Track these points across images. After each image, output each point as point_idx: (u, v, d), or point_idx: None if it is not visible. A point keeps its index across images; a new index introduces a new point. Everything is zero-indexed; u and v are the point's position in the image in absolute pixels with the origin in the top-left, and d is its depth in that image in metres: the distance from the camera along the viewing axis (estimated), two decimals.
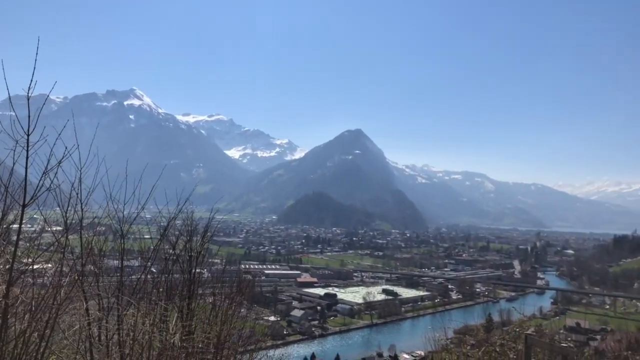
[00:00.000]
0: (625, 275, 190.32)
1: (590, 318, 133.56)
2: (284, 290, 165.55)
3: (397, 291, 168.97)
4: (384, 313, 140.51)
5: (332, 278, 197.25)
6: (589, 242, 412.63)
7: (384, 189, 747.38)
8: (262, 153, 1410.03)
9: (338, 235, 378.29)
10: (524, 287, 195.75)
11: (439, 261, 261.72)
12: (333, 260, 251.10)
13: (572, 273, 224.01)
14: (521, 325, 11.18)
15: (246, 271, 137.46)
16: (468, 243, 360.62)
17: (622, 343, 54.81)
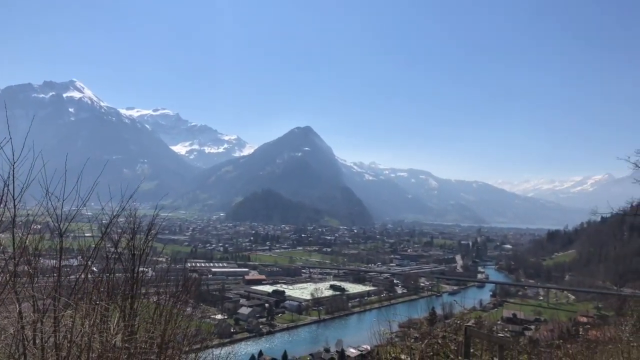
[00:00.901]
0: (557, 268, 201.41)
1: (526, 309, 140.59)
2: (232, 288, 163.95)
3: (345, 287, 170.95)
4: (331, 309, 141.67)
5: (281, 275, 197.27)
6: (525, 237, 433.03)
7: (332, 186, 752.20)
8: (209, 149, 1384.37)
9: (287, 232, 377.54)
10: (466, 281, 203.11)
11: (385, 256, 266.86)
12: (282, 257, 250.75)
13: (510, 267, 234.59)
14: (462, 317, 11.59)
15: (192, 269, 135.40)
16: (413, 239, 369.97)
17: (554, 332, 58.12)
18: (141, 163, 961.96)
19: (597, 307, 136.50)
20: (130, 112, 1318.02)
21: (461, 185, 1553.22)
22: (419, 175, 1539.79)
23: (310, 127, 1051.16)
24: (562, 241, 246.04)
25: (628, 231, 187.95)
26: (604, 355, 14.53)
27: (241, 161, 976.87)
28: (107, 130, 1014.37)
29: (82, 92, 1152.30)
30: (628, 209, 23.83)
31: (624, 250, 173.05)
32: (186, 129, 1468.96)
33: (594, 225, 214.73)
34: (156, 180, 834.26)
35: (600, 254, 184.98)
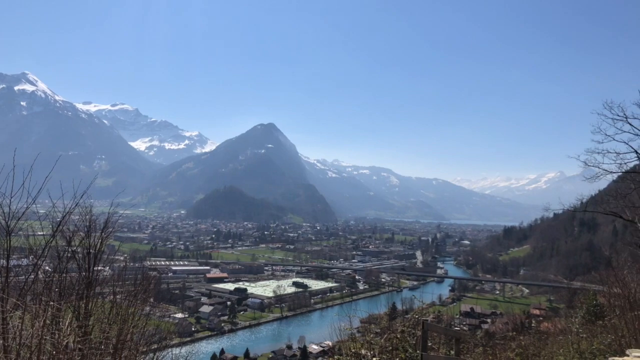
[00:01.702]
0: (512, 263, 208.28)
1: (483, 303, 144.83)
2: (193, 287, 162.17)
3: (307, 283, 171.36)
4: (294, 305, 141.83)
5: (243, 273, 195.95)
6: (482, 233, 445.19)
7: (296, 183, 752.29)
8: (170, 145, 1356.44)
9: (249, 230, 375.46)
10: (425, 276, 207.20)
11: (348, 253, 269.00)
12: (244, 254, 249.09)
13: (468, 262, 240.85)
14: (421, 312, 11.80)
15: (152, 268, 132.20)
16: (374, 235, 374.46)
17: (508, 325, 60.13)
18: (99, 159, 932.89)
19: (549, 299, 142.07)
20: (87, 107, 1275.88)
21: (421, 183, 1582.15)
22: (380, 173, 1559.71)
23: (273, 123, 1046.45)
24: (517, 237, 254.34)
25: (578, 227, 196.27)
26: (555, 346, 15.13)
27: (203, 158, 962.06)
28: (62, 126, 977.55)
29: (35, 85, 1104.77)
30: (578, 205, 24.88)
31: (574, 245, 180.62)
32: (146, 125, 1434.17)
33: (546, 221, 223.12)
34: (114, 176, 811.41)
35: (552, 248, 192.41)
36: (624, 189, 17.13)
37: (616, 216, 18.38)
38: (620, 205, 17.00)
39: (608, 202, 19.66)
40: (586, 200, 23.29)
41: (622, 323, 9.45)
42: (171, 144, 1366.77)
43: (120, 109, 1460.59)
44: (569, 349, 13.02)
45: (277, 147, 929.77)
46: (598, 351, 11.07)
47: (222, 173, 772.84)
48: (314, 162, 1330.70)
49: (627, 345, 7.67)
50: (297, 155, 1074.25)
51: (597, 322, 14.29)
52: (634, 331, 8.78)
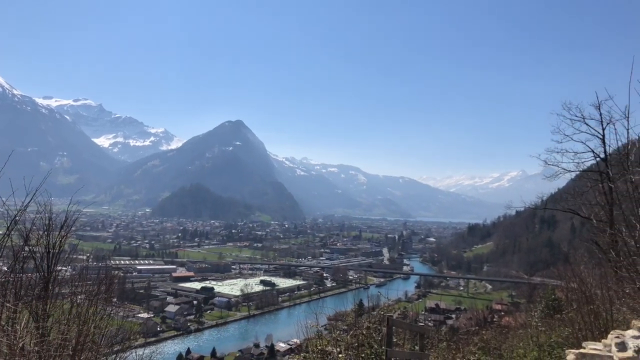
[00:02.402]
0: (476, 259, 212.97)
1: (447, 299, 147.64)
2: (159, 286, 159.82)
3: (275, 281, 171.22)
4: (261, 304, 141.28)
5: (210, 271, 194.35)
6: (448, 230, 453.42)
7: (264, 181, 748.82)
8: (135, 142, 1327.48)
9: (217, 228, 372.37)
10: (392, 273, 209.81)
11: (316, 250, 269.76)
12: (211, 253, 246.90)
13: (434, 259, 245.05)
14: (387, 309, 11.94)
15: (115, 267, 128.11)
16: (342, 233, 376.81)
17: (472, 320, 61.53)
18: (60, 156, 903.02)
19: (511, 295, 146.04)
20: (47, 102, 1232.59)
21: (388, 181, 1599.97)
22: (348, 171, 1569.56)
23: (241, 121, 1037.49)
24: (481, 234, 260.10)
25: (539, 224, 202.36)
26: (515, 339, 15.59)
27: (169, 155, 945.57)
28: (21, 121, 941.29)
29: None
30: (539, 203, 25.67)
31: (535, 241, 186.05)
32: (110, 121, 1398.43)
33: (509, 219, 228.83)
34: (76, 174, 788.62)
35: (514, 245, 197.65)
36: (581, 187, 17.78)
37: (574, 213, 19.06)
38: (578, 203, 17.64)
39: (566, 200, 20.35)
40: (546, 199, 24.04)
41: (578, 317, 9.79)
42: (136, 141, 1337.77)
43: (83, 105, 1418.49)
44: (528, 342, 13.43)
45: (245, 145, 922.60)
46: (556, 344, 11.45)
47: (189, 171, 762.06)
48: (282, 160, 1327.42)
49: (583, 338, 7.96)
50: (265, 153, 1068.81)
51: (555, 316, 14.78)
52: (589, 324, 9.12)
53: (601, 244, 9.71)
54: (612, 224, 9.56)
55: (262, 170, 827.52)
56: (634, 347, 4.95)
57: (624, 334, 5.24)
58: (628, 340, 5.10)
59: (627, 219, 6.64)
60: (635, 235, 6.39)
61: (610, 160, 14.99)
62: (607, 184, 14.28)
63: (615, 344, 5.15)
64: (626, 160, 7.08)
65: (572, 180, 20.99)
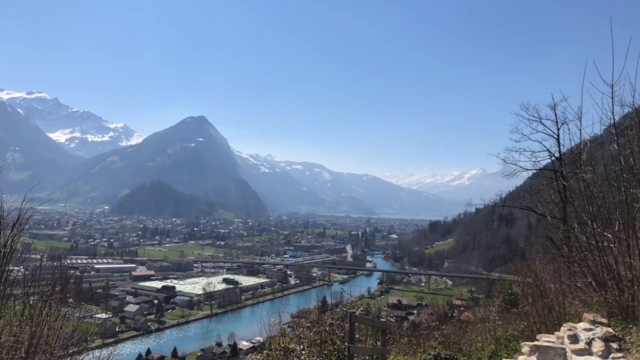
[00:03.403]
0: (437, 256, 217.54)
1: (409, 295, 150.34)
2: (117, 285, 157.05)
3: (238, 280, 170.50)
4: (224, 302, 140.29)
5: (171, 270, 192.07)
6: (410, 227, 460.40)
7: (227, 178, 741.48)
8: (93, 137, 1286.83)
9: (178, 226, 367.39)
10: (355, 270, 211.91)
11: (279, 248, 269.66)
12: (172, 251, 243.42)
13: (396, 255, 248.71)
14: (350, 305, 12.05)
15: (72, 266, 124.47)
16: (306, 230, 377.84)
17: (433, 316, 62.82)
18: (12, 151, 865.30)
19: (471, 290, 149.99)
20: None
21: (353, 178, 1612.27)
22: (313, 169, 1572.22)
23: (204, 116, 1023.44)
24: (442, 231, 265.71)
25: (497, 221, 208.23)
26: (474, 333, 16.02)
27: (128, 151, 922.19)
28: None
29: None
30: (497, 200, 26.41)
31: (494, 238, 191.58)
32: (66, 115, 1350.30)
33: (469, 216, 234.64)
34: (30, 170, 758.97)
35: (474, 242, 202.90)
36: (537, 185, 18.40)
37: (530, 211, 19.72)
38: (534, 200, 18.24)
39: (523, 198, 21.03)
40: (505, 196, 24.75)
41: (533, 310, 10.14)
42: (94, 136, 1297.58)
43: (37, 98, 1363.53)
44: (486, 336, 13.83)
45: (208, 141, 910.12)
46: (512, 337, 11.84)
47: (150, 167, 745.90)
48: (246, 157, 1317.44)
49: (538, 331, 8.26)
50: (229, 150, 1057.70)
51: (512, 310, 15.25)
52: (544, 318, 9.46)
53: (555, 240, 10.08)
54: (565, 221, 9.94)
55: (226, 167, 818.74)
56: (586, 339, 5.16)
57: (576, 327, 5.45)
58: (580, 332, 5.31)
59: (579, 216, 6.92)
60: (586, 231, 6.67)
61: (564, 160, 15.57)
62: (561, 182, 14.83)
63: (567, 336, 5.36)
64: (578, 159, 7.38)
65: (529, 179, 21.69)
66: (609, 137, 6.88)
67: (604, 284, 6.34)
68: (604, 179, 6.64)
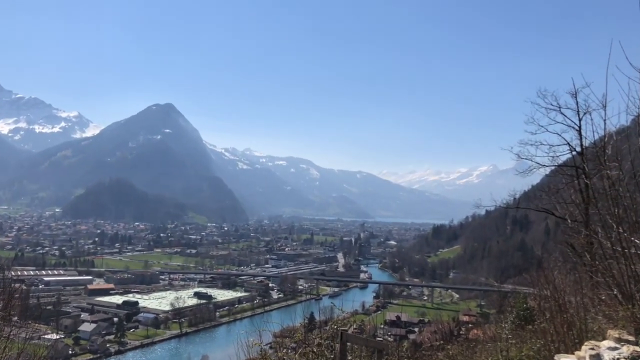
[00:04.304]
0: (442, 265, 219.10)
1: (410, 310, 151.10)
2: (71, 301, 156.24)
3: (212, 294, 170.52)
4: (195, 320, 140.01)
5: (134, 283, 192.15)
6: (410, 232, 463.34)
7: (199, 176, 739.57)
8: (41, 128, 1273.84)
9: (142, 232, 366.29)
10: (348, 282, 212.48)
11: (260, 257, 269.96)
12: (135, 261, 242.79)
13: (394, 265, 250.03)
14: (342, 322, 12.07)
15: (17, 279, 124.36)
16: (291, 236, 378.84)
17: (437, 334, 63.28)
18: None
19: (480, 304, 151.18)
20: None
21: (344, 176, 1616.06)
22: (299, 165, 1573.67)
23: (172, 104, 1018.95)
24: (447, 236, 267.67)
25: (510, 225, 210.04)
26: (484, 354, 16.14)
27: (83, 144, 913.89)
28: None
29: None
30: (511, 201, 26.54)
31: (506, 244, 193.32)
32: (10, 102, 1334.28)
33: (478, 219, 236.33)
34: None
35: (483, 249, 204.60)
36: (556, 183, 18.53)
37: (548, 213, 19.87)
38: (552, 201, 18.35)
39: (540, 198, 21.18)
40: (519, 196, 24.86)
41: (551, 327, 10.22)
42: (43, 127, 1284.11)
43: None
44: (497, 357, 13.93)
45: (177, 133, 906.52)
46: (527, 358, 11.93)
47: (108, 163, 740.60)
48: (221, 151, 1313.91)
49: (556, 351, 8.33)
50: (201, 143, 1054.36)
51: (526, 327, 15.39)
52: (563, 335, 9.53)
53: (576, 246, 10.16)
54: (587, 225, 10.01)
55: (197, 163, 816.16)
56: (610, 359, 5.19)
57: (599, 345, 5.48)
58: (603, 352, 5.34)
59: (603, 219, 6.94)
60: (611, 236, 6.69)
61: (586, 154, 15.66)
62: (583, 180, 14.96)
63: (590, 356, 5.39)
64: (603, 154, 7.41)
65: (546, 176, 21.81)
66: (637, 129, 6.90)
67: (632, 297, 6.37)
68: (632, 176, 6.67)
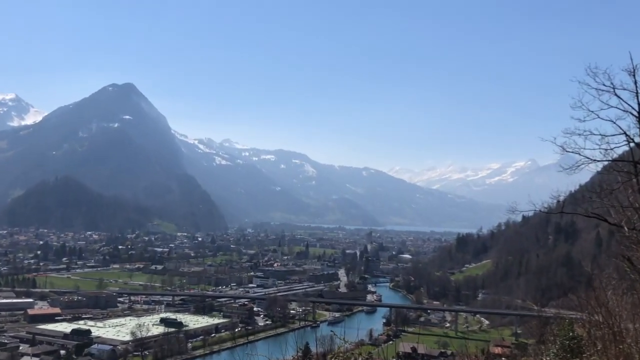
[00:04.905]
0: (468, 284, 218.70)
1: (428, 340, 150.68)
2: (7, 329, 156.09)
3: (183, 320, 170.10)
4: (162, 353, 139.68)
5: (86, 307, 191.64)
6: (429, 243, 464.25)
7: (166, 173, 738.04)
8: None
9: (95, 243, 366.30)
10: (352, 305, 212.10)
11: (242, 274, 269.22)
12: (87, 280, 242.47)
13: (409, 284, 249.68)
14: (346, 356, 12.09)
15: None
16: (281, 248, 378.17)
17: None
18: None
19: (515, 332, 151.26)
20: None
21: (347, 174, 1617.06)
22: (291, 160, 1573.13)
23: (133, 84, 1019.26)
24: (475, 248, 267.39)
25: (553, 234, 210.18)
26: None
27: (22, 134, 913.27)
28: None
29: None
30: (553, 205, 26.42)
31: (548, 258, 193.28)
32: None
33: (513, 227, 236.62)
34: None
35: (520, 264, 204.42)
36: (610, 182, 18.45)
37: (600, 219, 19.79)
38: (605, 204, 18.27)
39: (590, 201, 21.12)
40: (563, 199, 24.78)
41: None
42: None
43: None
44: None
45: (139, 120, 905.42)
46: None
47: (53, 158, 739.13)
48: (194, 142, 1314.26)
49: None
50: (169, 133, 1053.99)
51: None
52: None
53: (634, 260, 10.14)
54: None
55: (164, 158, 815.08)
56: None
57: None
58: None
59: None
60: None
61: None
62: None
63: None
64: None
65: (598, 174, 21.75)
66: None
67: None
68: None
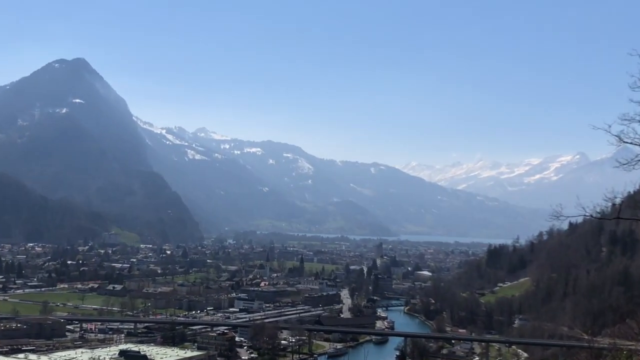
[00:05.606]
0: (502, 308, 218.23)
1: None
2: None
3: (147, 353, 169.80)
4: None
5: (27, 336, 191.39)
6: (453, 257, 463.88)
7: (126, 171, 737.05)
8: None
9: (38, 257, 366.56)
10: (357, 334, 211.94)
11: (222, 296, 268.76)
12: (28, 303, 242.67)
13: (429, 307, 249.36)
14: None
15: None
16: (270, 263, 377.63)
17: None
18: None
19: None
20: None
21: (351, 171, 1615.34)
22: (281, 153, 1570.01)
23: (84, 59, 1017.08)
24: (511, 263, 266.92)
25: (608, 245, 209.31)
26: None
27: None
28: None
29: None
30: (608, 210, 26.04)
31: (601, 276, 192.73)
32: None
33: (558, 237, 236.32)
34: None
35: (566, 283, 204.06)
36: None
37: None
38: None
39: None
40: (620, 201, 24.49)
41: None
42: None
43: None
44: None
45: (93, 104, 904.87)
46: None
47: None
48: (161, 132, 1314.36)
49: None
50: (130, 120, 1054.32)
51: None
52: None
53: None
54: None
55: (124, 151, 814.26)
56: None
57: None
58: None
59: None
60: None
61: None
62: None
63: None
64: None
65: None
66: None
67: None
68: None
